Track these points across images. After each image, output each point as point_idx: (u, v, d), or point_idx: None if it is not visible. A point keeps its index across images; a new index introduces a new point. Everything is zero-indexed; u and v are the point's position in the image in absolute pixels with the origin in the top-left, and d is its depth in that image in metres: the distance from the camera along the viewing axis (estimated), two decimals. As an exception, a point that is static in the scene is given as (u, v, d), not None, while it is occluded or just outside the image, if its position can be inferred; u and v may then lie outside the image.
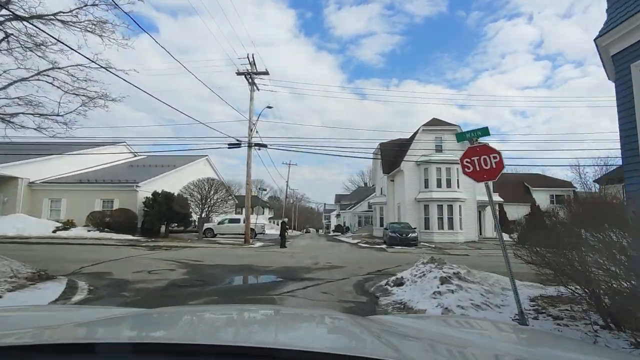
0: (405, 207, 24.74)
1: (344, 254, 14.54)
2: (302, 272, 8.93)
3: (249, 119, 19.73)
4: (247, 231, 19.31)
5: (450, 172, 23.67)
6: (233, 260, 11.38)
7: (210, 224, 27.29)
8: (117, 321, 1.33)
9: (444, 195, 23.30)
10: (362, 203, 48.51)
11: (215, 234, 26.59)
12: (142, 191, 23.49)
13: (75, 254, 11.70)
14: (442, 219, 23.17)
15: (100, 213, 21.77)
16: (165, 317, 1.42)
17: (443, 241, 22.30)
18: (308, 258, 12.37)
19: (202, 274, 8.32)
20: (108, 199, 23.76)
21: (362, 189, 63.21)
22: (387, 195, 29.24)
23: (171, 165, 30.07)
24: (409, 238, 18.69)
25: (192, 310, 1.98)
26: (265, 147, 19.70)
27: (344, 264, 10.77)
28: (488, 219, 27.66)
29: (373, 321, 1.60)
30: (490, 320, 2.81)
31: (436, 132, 24.83)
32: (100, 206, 23.55)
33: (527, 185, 37.22)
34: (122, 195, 23.63)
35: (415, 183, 24.60)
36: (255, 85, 20.14)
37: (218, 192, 20.67)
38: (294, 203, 72.95)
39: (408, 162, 24.68)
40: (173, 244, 16.84)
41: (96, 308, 2.03)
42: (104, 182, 23.86)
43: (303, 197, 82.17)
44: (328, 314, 2.16)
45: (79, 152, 28.52)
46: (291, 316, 1.71)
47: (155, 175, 25.87)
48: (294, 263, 10.85)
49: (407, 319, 2.08)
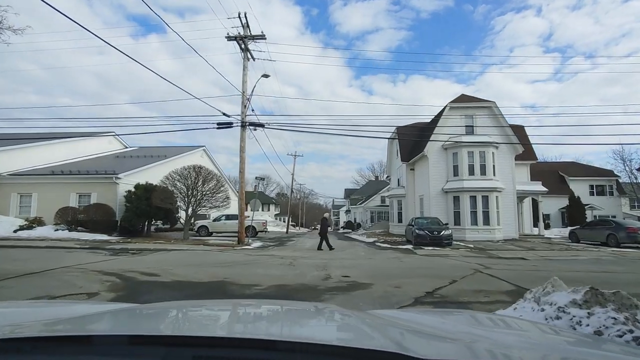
0: (429, 200, 20.99)
1: (363, 259, 10.93)
2: (304, 296, 5.40)
3: (242, 93, 16.18)
4: (240, 229, 15.83)
5: (485, 156, 19.82)
6: (207, 272, 7.89)
7: (204, 221, 24.02)
8: (113, 315, 1.34)
9: (477, 184, 19.48)
10: (375, 197, 44.80)
11: (211, 232, 23.35)
12: (123, 184, 20.20)
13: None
14: (476, 212, 19.38)
15: (71, 209, 18.53)
16: (161, 312, 1.42)
17: (477, 239, 18.55)
18: (315, 267, 8.80)
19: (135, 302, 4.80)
20: (85, 193, 20.55)
21: (373, 182, 59.38)
22: (406, 186, 25.47)
23: (162, 156, 26.81)
24: (441, 237, 15.00)
25: (188, 304, 1.84)
26: (263, 127, 16.15)
27: (368, 278, 7.19)
28: (526, 213, 23.71)
29: (373, 315, 1.57)
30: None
31: (466, 110, 20.95)
32: (75, 201, 20.35)
33: (563, 175, 33.08)
34: (100, 188, 20.40)
35: (441, 171, 20.81)
36: (249, 52, 16.57)
37: (207, 182, 17.19)
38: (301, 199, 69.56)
39: (433, 147, 20.90)
40: (146, 247, 13.46)
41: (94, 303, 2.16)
42: (79, 174, 20.61)
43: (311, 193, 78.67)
44: (324, 306, 2.16)
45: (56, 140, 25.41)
46: (286, 309, 1.70)
47: (141, 166, 22.58)
48: (294, 277, 7.30)
49: (407, 313, 2.07)
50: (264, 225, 24.26)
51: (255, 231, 23.55)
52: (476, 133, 20.47)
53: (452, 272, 7.98)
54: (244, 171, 16.18)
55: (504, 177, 20.30)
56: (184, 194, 16.98)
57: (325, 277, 7.28)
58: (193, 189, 16.89)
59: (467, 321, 1.59)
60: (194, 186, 16.90)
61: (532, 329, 1.48)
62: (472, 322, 1.55)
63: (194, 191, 16.91)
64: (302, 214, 65.73)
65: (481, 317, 1.70)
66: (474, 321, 1.58)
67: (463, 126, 20.63)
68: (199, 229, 23.54)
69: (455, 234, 18.84)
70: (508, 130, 20.37)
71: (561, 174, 33.01)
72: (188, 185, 16.84)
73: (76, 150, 26.62)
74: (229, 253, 12.31)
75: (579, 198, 29.45)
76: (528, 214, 23.81)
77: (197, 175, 16.95)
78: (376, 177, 65.03)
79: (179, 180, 16.82)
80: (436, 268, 8.79)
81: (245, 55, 16.57)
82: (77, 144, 26.98)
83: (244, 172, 16.20)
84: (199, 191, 16.94)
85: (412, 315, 1.78)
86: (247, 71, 16.56)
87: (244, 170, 16.19)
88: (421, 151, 21.79)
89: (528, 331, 1.43)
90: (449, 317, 1.74)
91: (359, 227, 42.83)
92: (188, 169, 17.05)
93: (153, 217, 18.24)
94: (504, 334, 1.36)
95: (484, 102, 20.97)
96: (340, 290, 5.95)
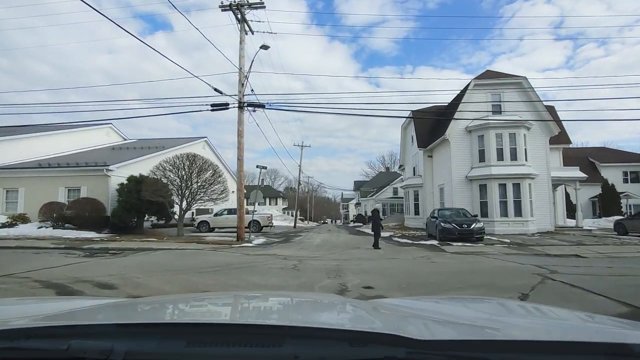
0: (451, 189, 18.81)
1: (385, 260, 8.93)
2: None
3: (238, 69, 14.18)
4: (240, 224, 13.93)
5: (516, 138, 17.50)
6: (184, 281, 6.01)
7: (205, 216, 22.28)
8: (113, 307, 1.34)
9: (507, 171, 17.21)
10: (387, 189, 42.63)
11: (213, 227, 21.58)
12: (115, 176, 18.47)
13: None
14: (506, 202, 17.14)
15: (57, 205, 16.88)
16: (154, 303, 1.43)
17: (508, 232, 16.36)
18: (325, 272, 6.84)
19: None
20: (74, 187, 18.91)
21: (384, 174, 57.03)
22: (423, 175, 23.26)
23: (160, 147, 25.06)
24: (472, 230, 12.88)
25: (183, 297, 1.96)
26: (263, 108, 14.14)
27: (399, 290, 5.21)
28: (558, 203, 21.33)
29: (374, 304, 1.58)
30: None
31: (492, 87, 18.59)
32: (64, 196, 18.75)
33: (593, 161, 30.39)
34: (90, 182, 18.71)
35: (465, 156, 18.58)
36: (246, 23, 14.53)
37: (203, 172, 15.31)
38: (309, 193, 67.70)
39: (455, 129, 18.66)
40: (131, 246, 11.67)
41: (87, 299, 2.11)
42: (68, 167, 18.96)
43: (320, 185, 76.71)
44: (325, 296, 2.31)
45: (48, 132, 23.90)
46: (283, 299, 1.70)
47: (135, 158, 20.85)
48: (298, 290, 5.35)
49: (407, 301, 1.85)
50: (268, 220, 22.39)
51: (259, 226, 21.71)
52: (505, 112, 18.13)
53: (510, 279, 5.93)
54: (242, 159, 14.25)
55: (537, 162, 17.96)
56: (177, 185, 15.15)
57: (341, 289, 5.30)
58: (187, 180, 15.03)
59: (492, 309, 1.52)
60: (188, 177, 15.04)
61: (570, 315, 1.39)
62: (498, 310, 1.50)
63: (189, 183, 15.06)
64: (311, 207, 63.90)
65: (512, 305, 1.70)
66: (502, 309, 1.53)
67: (489, 104, 18.28)
68: (199, 225, 21.81)
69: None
70: (541, 107, 17.97)
71: (591, 160, 30.32)
72: (181, 176, 14.98)
73: (71, 142, 25.01)
74: (224, 253, 10.44)
75: (613, 186, 26.86)
76: (561, 204, 21.42)
77: (191, 165, 15.07)
78: (387, 168, 62.59)
79: (170, 171, 14.97)
80: (484, 272, 6.73)
81: (242, 27, 14.54)
82: (72, 136, 25.37)
83: (243, 159, 14.27)
84: (193, 182, 15.08)
85: (428, 304, 1.63)
86: (244, 45, 14.55)
87: (242, 158, 14.25)
88: (441, 135, 19.56)
89: (565, 318, 1.34)
90: (474, 304, 1.68)
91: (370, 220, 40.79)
92: (181, 158, 15.18)
93: (145, 212, 16.48)
94: (529, 319, 1.31)
95: (512, 77, 18.57)
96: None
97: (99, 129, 28.62)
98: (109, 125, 29.45)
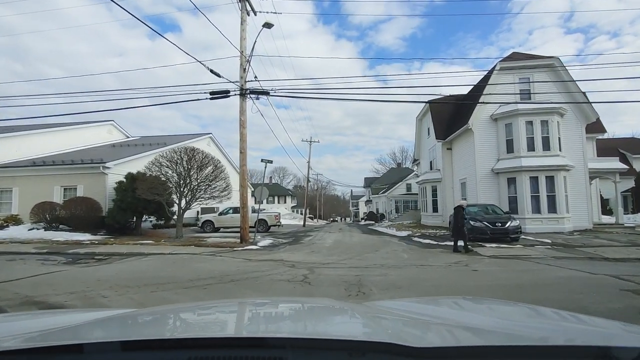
0: (475, 183, 17.13)
1: (413, 267, 7.40)
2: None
3: (240, 53, 12.76)
4: (243, 224, 12.53)
5: (549, 126, 15.73)
6: (165, 300, 4.63)
7: (209, 216, 21.06)
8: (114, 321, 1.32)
9: (539, 162, 15.47)
10: (399, 185, 40.90)
11: (218, 227, 20.40)
12: (113, 174, 17.30)
13: None
14: (538, 197, 15.41)
15: (49, 205, 15.73)
16: (156, 315, 1.38)
17: (541, 230, 14.66)
18: (344, 287, 5.35)
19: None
20: (70, 186, 17.82)
21: (395, 169, 55.18)
22: (442, 169, 21.57)
23: (162, 144, 23.86)
24: (507, 229, 11.25)
25: (184, 307, 1.91)
26: (267, 95, 12.68)
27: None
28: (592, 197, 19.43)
29: (372, 308, 1.54)
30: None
31: (520, 71, 16.79)
32: (60, 196, 17.67)
33: (624, 152, 28.21)
34: (87, 180, 17.59)
35: (490, 147, 16.87)
36: (247, 1, 13.09)
37: (203, 168, 13.95)
38: (318, 190, 66.29)
39: (479, 118, 16.96)
40: (120, 250, 10.35)
41: (88, 311, 1.97)
42: (63, 165, 17.86)
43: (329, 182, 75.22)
44: (322, 301, 2.14)
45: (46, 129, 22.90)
46: (281, 306, 1.65)
47: (134, 154, 19.67)
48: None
49: (406, 303, 1.84)
50: (276, 219, 21.03)
51: (266, 225, 20.38)
52: (534, 98, 16.35)
53: (597, 298, 4.38)
54: (245, 152, 12.85)
55: (572, 152, 16.17)
56: (175, 183, 13.83)
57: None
58: (186, 176, 13.70)
59: (490, 311, 1.54)
60: (187, 173, 13.70)
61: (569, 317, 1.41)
62: (497, 313, 1.48)
63: (187, 179, 13.72)
64: (320, 205, 62.47)
65: (507, 307, 1.66)
66: (501, 312, 1.51)
67: (517, 89, 16.51)
68: (203, 224, 20.62)
69: (513, 224, 14.97)
70: (576, 91, 16.11)
71: (622, 151, 28.14)
72: (179, 172, 13.65)
73: (70, 140, 23.95)
74: (223, 258, 9.05)
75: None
76: (595, 199, 19.54)
77: (190, 160, 13.73)
78: (398, 164, 60.63)
79: (168, 167, 13.64)
80: (552, 287, 5.18)
81: (243, 6, 13.11)
82: (71, 134, 24.31)
83: (246, 152, 12.87)
84: (193, 179, 13.73)
85: (406, 304, 1.66)
86: (245, 26, 13.11)
87: (245, 151, 12.85)
88: (461, 125, 17.87)
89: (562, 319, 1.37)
90: (469, 305, 1.68)
91: (382, 218, 39.13)
92: (178, 152, 13.84)
93: (142, 212, 15.23)
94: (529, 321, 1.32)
95: (543, 58, 16.73)
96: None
97: (100, 127, 27.59)
98: (110, 123, 28.45)
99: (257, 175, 61.27)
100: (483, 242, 11.32)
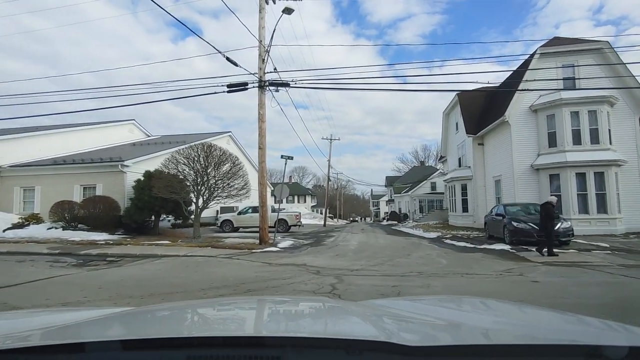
0: (512, 181, 15.72)
1: (461, 279, 6.34)
2: None
3: (258, 42, 11.99)
4: (262, 224, 11.78)
5: (597, 117, 14.18)
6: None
7: (228, 215, 20.57)
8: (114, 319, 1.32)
9: (587, 157, 13.94)
10: (423, 184, 39.33)
11: (237, 227, 19.87)
12: (131, 172, 17.03)
13: None
14: (586, 195, 13.89)
15: (68, 204, 15.51)
16: (156, 314, 1.40)
17: (589, 232, 13.20)
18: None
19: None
20: (89, 184, 17.67)
21: (418, 168, 53.43)
22: (472, 166, 20.16)
23: (181, 142, 23.59)
24: (557, 232, 9.93)
25: (184, 305, 1.85)
26: (287, 87, 11.86)
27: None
28: None
29: (367, 306, 1.55)
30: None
31: (564, 57, 15.25)
32: (79, 194, 17.54)
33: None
34: (106, 179, 17.39)
35: (529, 141, 15.43)
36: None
37: (221, 166, 13.31)
38: (338, 189, 65.30)
39: (516, 109, 15.55)
40: (133, 252, 9.79)
41: (90, 309, 1.80)
42: (82, 163, 17.74)
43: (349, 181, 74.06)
44: (319, 300, 2.17)
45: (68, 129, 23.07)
46: (279, 305, 1.66)
47: (153, 152, 19.38)
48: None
49: (399, 301, 1.90)
50: (297, 218, 20.27)
51: (286, 225, 19.64)
52: (580, 87, 14.79)
53: None
54: (264, 147, 12.08)
55: (624, 145, 14.53)
56: (192, 180, 13.26)
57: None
58: (203, 174, 13.09)
59: (484, 309, 1.53)
60: (204, 171, 13.09)
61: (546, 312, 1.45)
62: (490, 311, 1.49)
63: (205, 177, 13.11)
64: (340, 205, 61.43)
65: (503, 305, 1.65)
66: (494, 309, 1.52)
67: (560, 75, 14.98)
68: (222, 224, 20.14)
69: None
70: (628, 75, 14.41)
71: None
72: (196, 169, 13.05)
73: (92, 139, 24.02)
74: (240, 262, 8.28)
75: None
76: None
77: (207, 157, 13.10)
78: (421, 163, 58.77)
79: (184, 164, 13.08)
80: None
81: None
82: (93, 133, 24.42)
83: (265, 148, 12.11)
84: (210, 177, 13.10)
85: (405, 303, 1.67)
86: (264, 14, 12.35)
87: (264, 147, 12.09)
88: (495, 119, 16.50)
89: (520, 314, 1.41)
90: (465, 303, 1.70)
91: (405, 218, 37.70)
92: (195, 149, 13.25)
93: (159, 211, 14.77)
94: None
95: (590, 42, 15.13)
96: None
97: (122, 126, 27.71)
98: (131, 122, 28.57)
99: (277, 174, 60.98)
100: (526, 245, 10.06)
